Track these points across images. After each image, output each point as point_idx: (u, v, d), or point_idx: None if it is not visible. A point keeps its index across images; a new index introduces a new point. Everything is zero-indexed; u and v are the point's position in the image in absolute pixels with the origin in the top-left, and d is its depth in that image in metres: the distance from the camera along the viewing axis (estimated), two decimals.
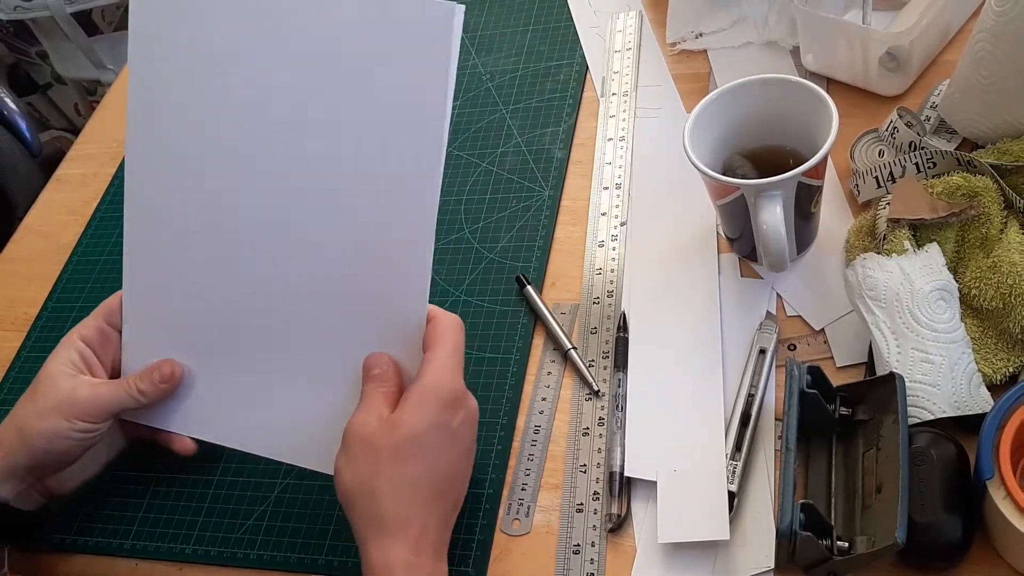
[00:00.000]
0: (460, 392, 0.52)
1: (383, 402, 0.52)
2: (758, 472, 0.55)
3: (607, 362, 0.62)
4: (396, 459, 0.50)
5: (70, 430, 0.57)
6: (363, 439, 0.51)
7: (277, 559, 0.60)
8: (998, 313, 0.53)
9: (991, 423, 0.47)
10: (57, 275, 0.82)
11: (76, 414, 0.58)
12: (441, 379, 0.52)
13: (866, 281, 0.55)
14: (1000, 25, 0.55)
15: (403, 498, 0.50)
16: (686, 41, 0.78)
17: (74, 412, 0.58)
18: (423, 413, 0.51)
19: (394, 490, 0.50)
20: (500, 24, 0.87)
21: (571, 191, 0.73)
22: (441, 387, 0.51)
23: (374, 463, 0.50)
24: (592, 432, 0.59)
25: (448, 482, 0.52)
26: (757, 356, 0.58)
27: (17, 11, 1.63)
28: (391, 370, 0.54)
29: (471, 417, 0.53)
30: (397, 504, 0.49)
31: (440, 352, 0.52)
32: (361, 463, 0.50)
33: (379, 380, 0.53)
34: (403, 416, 0.51)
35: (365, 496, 0.50)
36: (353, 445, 0.51)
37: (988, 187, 0.56)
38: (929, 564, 0.49)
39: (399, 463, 0.50)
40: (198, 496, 0.64)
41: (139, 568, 0.62)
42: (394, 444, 0.50)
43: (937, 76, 0.68)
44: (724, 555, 0.52)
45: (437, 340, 0.53)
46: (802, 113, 0.58)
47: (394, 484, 0.50)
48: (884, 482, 0.48)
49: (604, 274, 0.67)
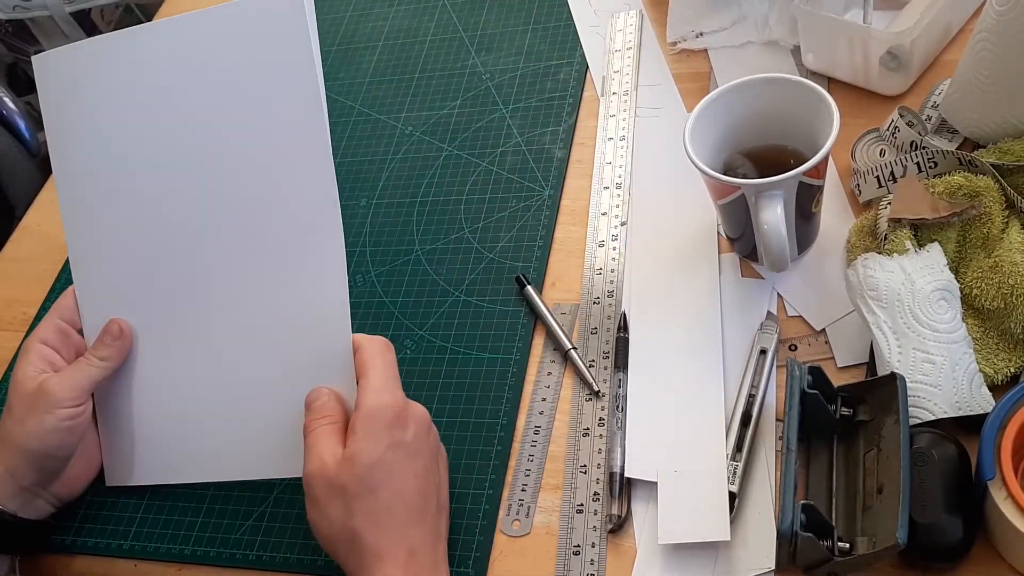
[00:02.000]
0: (402, 407, 0.52)
1: (331, 438, 0.52)
2: (759, 473, 0.54)
3: (607, 362, 0.62)
4: (364, 492, 0.50)
5: (54, 421, 0.58)
6: (326, 482, 0.50)
7: (277, 559, 0.60)
8: (999, 313, 0.53)
9: (992, 423, 0.47)
10: (56, 275, 0.82)
11: (53, 404, 0.58)
12: (380, 400, 0.52)
13: (867, 281, 0.55)
14: (1001, 25, 0.55)
15: (383, 527, 0.50)
16: (686, 40, 0.78)
17: (50, 404, 0.58)
18: (374, 439, 0.50)
19: (372, 522, 0.49)
20: (500, 24, 0.87)
21: (571, 191, 0.73)
22: (383, 408, 0.51)
23: (345, 503, 0.50)
24: (592, 432, 0.59)
25: (422, 497, 0.52)
26: (758, 356, 0.58)
27: (16, 11, 1.62)
28: (331, 401, 0.54)
29: (423, 425, 0.53)
30: (378, 535, 0.49)
31: (372, 375, 0.53)
32: (332, 509, 0.50)
33: (321, 411, 0.53)
34: (357, 446, 0.50)
35: (346, 538, 0.50)
36: (318, 492, 0.51)
37: (989, 187, 0.56)
38: (930, 565, 0.48)
39: (368, 495, 0.50)
40: (198, 496, 0.64)
41: (139, 568, 0.62)
42: (358, 477, 0.50)
43: (938, 76, 0.68)
44: (725, 556, 0.52)
45: (367, 365, 0.53)
46: (803, 113, 0.57)
47: (370, 517, 0.49)
48: (885, 483, 0.48)
49: (604, 274, 0.67)
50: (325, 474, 0.50)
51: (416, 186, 0.77)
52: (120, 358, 0.63)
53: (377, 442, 0.50)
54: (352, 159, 0.81)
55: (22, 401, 0.59)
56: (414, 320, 0.69)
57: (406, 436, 0.52)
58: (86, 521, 0.65)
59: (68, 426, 0.59)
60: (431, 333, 0.67)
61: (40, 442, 0.58)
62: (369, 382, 0.52)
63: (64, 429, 0.59)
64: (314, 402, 0.54)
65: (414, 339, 0.67)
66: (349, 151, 0.81)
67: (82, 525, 0.65)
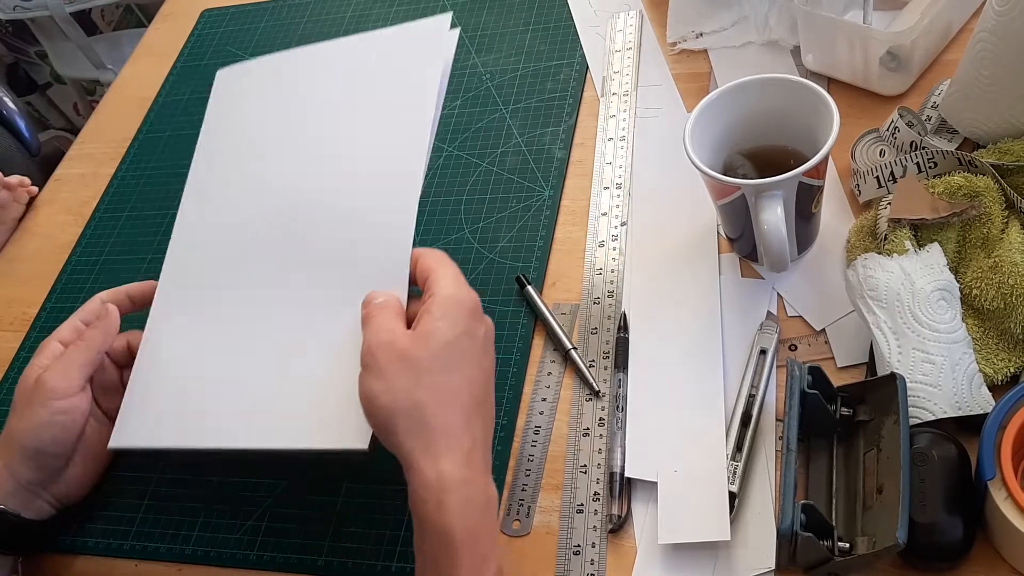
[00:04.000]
0: (478, 303, 0.51)
1: (395, 319, 0.50)
2: (759, 473, 0.54)
3: (607, 362, 0.62)
4: (437, 369, 0.47)
5: (47, 415, 0.58)
6: (397, 354, 0.48)
7: (277, 559, 0.60)
8: (999, 313, 0.53)
9: (992, 423, 0.47)
10: (56, 275, 0.82)
11: (46, 396, 0.58)
12: (459, 290, 0.50)
13: (867, 281, 0.55)
14: (1001, 25, 0.55)
15: (450, 409, 0.47)
16: (686, 41, 0.78)
17: (44, 396, 0.58)
18: (451, 320, 0.49)
19: (439, 401, 0.47)
20: (500, 24, 0.87)
21: (571, 191, 0.73)
22: (462, 296, 0.50)
23: (415, 375, 0.47)
24: (592, 432, 0.59)
25: (485, 394, 0.50)
26: (758, 356, 0.58)
27: (16, 11, 1.62)
28: (391, 295, 0.52)
29: (491, 334, 0.52)
30: (445, 416, 0.47)
31: (444, 272, 0.51)
32: (400, 379, 0.47)
33: (381, 304, 0.51)
34: (434, 325, 0.48)
35: (410, 411, 0.47)
36: (384, 363, 0.48)
37: (989, 187, 0.56)
38: (930, 565, 0.48)
39: (441, 373, 0.47)
40: (198, 496, 0.64)
41: (139, 568, 0.62)
42: (433, 353, 0.47)
43: (938, 76, 0.68)
44: (725, 556, 0.52)
45: (433, 266, 0.52)
46: (803, 113, 0.57)
47: (439, 395, 0.47)
48: (885, 483, 0.48)
49: (604, 274, 0.67)
50: (395, 345, 0.48)
51: None
52: (103, 338, 0.61)
53: (454, 325, 0.49)
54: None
55: (23, 396, 0.60)
56: None
57: (480, 330, 0.50)
58: (87, 521, 0.65)
59: (61, 420, 0.59)
60: None
61: (35, 437, 0.58)
62: (442, 277, 0.51)
63: (57, 423, 0.59)
64: (375, 298, 0.52)
65: None
66: None
67: (83, 525, 0.65)
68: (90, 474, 0.64)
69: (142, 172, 0.89)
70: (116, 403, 0.65)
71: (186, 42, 1.01)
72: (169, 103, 0.95)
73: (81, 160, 0.94)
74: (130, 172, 0.89)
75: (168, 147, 0.90)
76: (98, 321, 0.62)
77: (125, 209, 0.86)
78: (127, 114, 0.95)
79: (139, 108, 0.95)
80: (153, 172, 0.88)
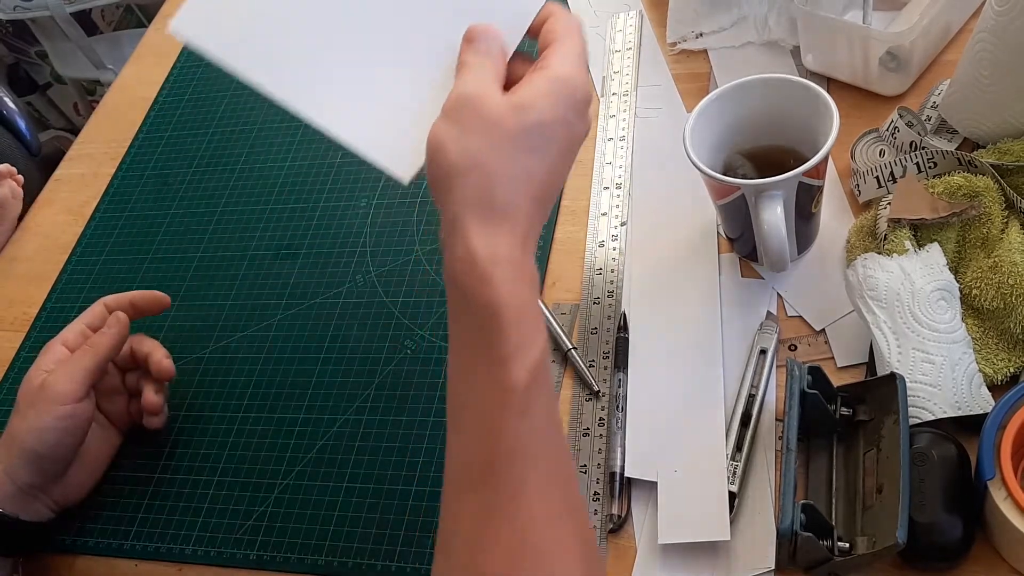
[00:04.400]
0: (590, 95, 0.45)
1: (492, 74, 0.44)
2: (759, 472, 0.54)
3: (607, 362, 0.62)
4: (520, 144, 0.42)
5: (51, 419, 0.58)
6: (486, 112, 0.43)
7: (277, 559, 0.60)
8: (999, 313, 0.53)
9: (992, 423, 0.47)
10: (56, 275, 0.82)
11: (52, 400, 0.58)
12: (574, 72, 0.44)
13: (867, 281, 0.55)
14: (1001, 25, 0.55)
15: (519, 186, 0.42)
16: (686, 41, 0.78)
17: (49, 400, 0.58)
18: (553, 102, 0.43)
19: (510, 175, 0.42)
20: None
21: (571, 191, 0.73)
22: (576, 82, 0.44)
23: (495, 141, 0.42)
24: (592, 432, 0.59)
25: (555, 189, 0.45)
26: (758, 356, 0.58)
27: (16, 11, 1.62)
28: (497, 46, 0.46)
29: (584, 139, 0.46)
30: (512, 191, 0.42)
31: (568, 44, 0.45)
32: (476, 138, 0.42)
33: (485, 53, 0.45)
34: (535, 100, 0.43)
35: (475, 172, 0.42)
36: (469, 118, 0.43)
37: (989, 187, 0.56)
38: (930, 564, 0.48)
39: (523, 151, 0.42)
40: (198, 496, 0.64)
41: (139, 568, 0.62)
42: (523, 127, 0.42)
43: (938, 76, 0.68)
44: (725, 556, 0.52)
45: (564, 33, 0.45)
46: (802, 113, 0.57)
47: (512, 169, 0.42)
48: (885, 482, 0.48)
49: (604, 274, 0.67)
50: (487, 104, 0.43)
51: (416, 186, 0.77)
52: (111, 346, 0.61)
53: (555, 107, 0.43)
54: (353, 160, 0.81)
55: (27, 398, 0.59)
56: (414, 320, 0.69)
57: (579, 127, 0.45)
58: (87, 521, 0.65)
59: (65, 425, 0.59)
60: (431, 333, 0.67)
61: (38, 440, 0.58)
62: (567, 47, 0.45)
63: (61, 428, 0.59)
64: (478, 40, 0.45)
65: (414, 339, 0.68)
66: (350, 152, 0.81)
67: (83, 525, 0.65)
68: (90, 478, 0.64)
69: (142, 172, 0.89)
70: (118, 407, 0.65)
71: None
72: (169, 103, 0.95)
73: (81, 160, 0.94)
74: (130, 172, 0.89)
75: (168, 147, 0.90)
76: (107, 328, 0.62)
77: (125, 209, 0.86)
78: (127, 114, 0.95)
79: (139, 108, 0.95)
80: (153, 172, 0.88)
